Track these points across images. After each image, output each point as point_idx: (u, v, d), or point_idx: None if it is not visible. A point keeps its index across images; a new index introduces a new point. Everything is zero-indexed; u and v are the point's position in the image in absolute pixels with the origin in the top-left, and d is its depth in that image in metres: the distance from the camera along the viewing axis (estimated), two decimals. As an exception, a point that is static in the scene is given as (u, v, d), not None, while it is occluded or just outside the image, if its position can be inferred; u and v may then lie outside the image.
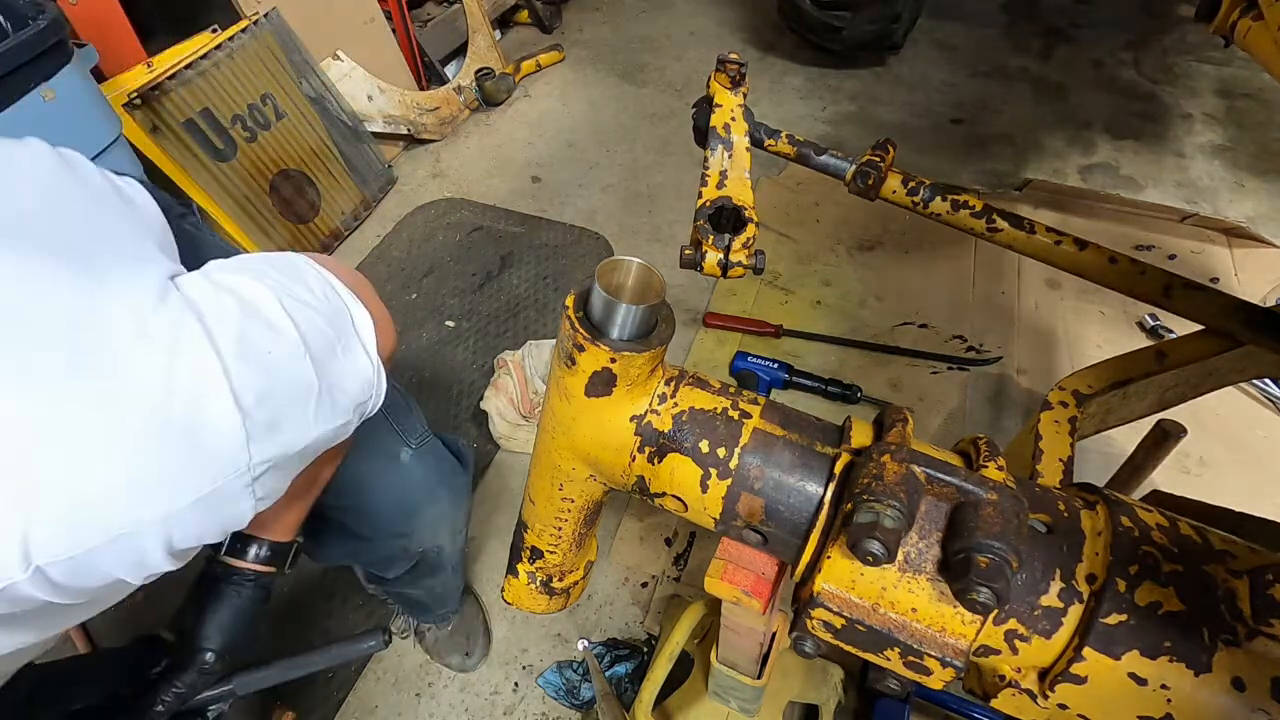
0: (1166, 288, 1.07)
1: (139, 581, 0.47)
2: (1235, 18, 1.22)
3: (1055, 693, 0.53)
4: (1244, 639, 0.49)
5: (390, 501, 0.97)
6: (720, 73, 1.02)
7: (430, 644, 1.41)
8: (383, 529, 0.98)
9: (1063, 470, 1.06)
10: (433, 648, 1.41)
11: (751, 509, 0.59)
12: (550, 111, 2.85)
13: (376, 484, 0.94)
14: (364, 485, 0.93)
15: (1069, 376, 1.18)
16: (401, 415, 0.96)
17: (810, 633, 0.57)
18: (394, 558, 1.05)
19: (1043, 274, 2.08)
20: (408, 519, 0.99)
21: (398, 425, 0.95)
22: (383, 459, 0.94)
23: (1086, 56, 3.03)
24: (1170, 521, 0.55)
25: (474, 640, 1.41)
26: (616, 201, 2.44)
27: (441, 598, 1.31)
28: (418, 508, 0.99)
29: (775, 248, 2.22)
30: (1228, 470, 1.65)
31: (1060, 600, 0.53)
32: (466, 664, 1.40)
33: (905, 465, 0.52)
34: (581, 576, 0.87)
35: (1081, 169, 2.51)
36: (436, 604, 1.32)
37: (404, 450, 0.96)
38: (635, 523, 1.60)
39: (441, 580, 1.21)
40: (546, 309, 2.09)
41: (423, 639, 1.42)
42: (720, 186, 0.86)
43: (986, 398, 1.82)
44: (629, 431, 0.61)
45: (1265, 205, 2.34)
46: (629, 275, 0.57)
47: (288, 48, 2.15)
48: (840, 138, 2.69)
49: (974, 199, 1.13)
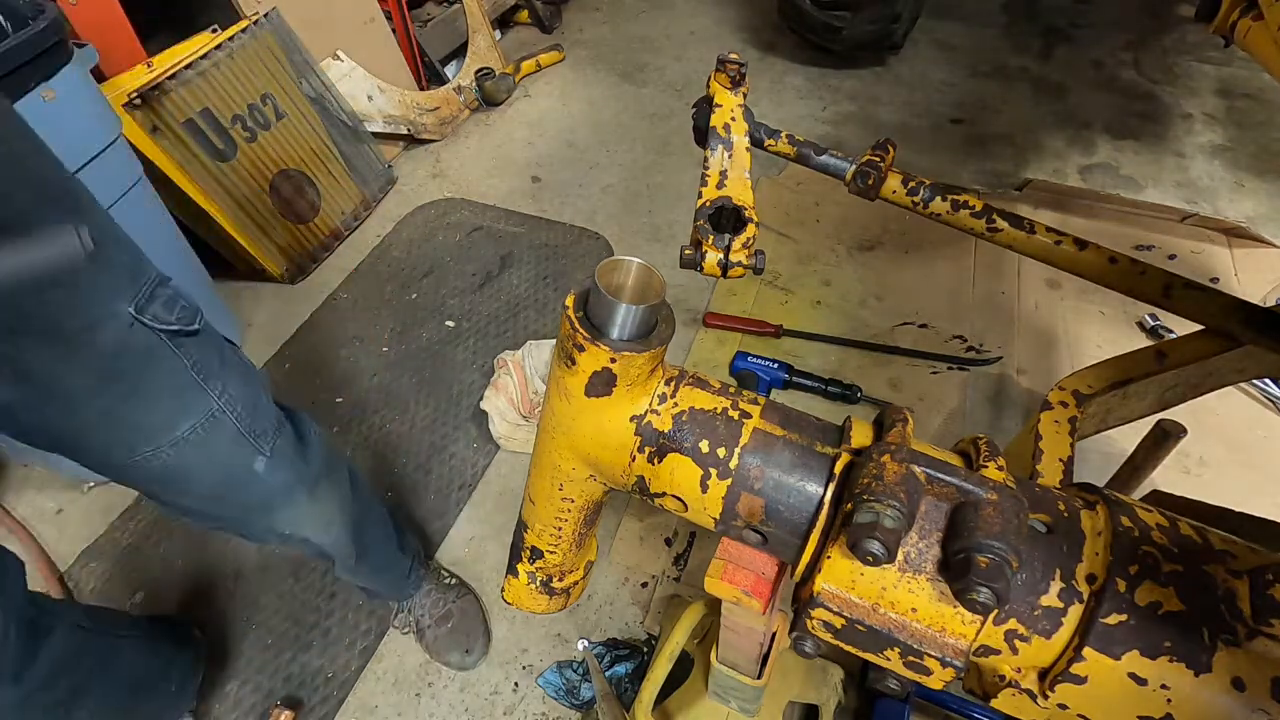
0: (1166, 288, 1.07)
1: None
2: (1235, 18, 1.22)
3: (1055, 693, 0.53)
4: (1244, 639, 0.49)
5: (245, 508, 0.95)
6: (720, 73, 1.02)
7: (430, 642, 1.41)
8: (238, 520, 0.98)
9: (1063, 470, 1.06)
10: (432, 645, 1.41)
11: (751, 509, 0.59)
12: (550, 111, 2.86)
13: (230, 498, 0.92)
14: (218, 499, 0.91)
15: (1069, 376, 1.18)
16: (253, 417, 0.89)
17: (810, 633, 0.57)
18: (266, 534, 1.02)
19: (1043, 274, 2.08)
20: (265, 517, 0.98)
21: (249, 431, 0.88)
22: (238, 472, 0.90)
23: (1086, 56, 3.03)
24: (1170, 521, 0.55)
25: (473, 638, 1.41)
26: (616, 201, 2.44)
27: (382, 575, 1.31)
28: (272, 510, 0.97)
29: (775, 248, 2.22)
30: (1228, 470, 1.65)
31: (1060, 600, 0.53)
32: (466, 661, 1.40)
33: (905, 465, 0.52)
34: (581, 576, 0.87)
35: (1081, 169, 2.51)
36: (382, 584, 1.34)
37: (258, 459, 0.90)
38: (635, 523, 1.60)
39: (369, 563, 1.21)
40: (546, 309, 2.09)
41: (422, 637, 1.42)
42: (720, 186, 0.87)
43: (986, 398, 1.82)
44: (629, 431, 0.61)
45: (1265, 205, 2.34)
46: (629, 275, 0.57)
47: (288, 48, 2.15)
48: (840, 138, 2.69)
49: (974, 199, 1.13)
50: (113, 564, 1.58)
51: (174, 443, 0.81)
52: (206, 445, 0.84)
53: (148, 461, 0.81)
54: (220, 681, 1.40)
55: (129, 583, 1.55)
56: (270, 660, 1.43)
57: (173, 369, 0.79)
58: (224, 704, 1.37)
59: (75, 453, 0.80)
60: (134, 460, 0.81)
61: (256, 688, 1.39)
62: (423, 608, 1.41)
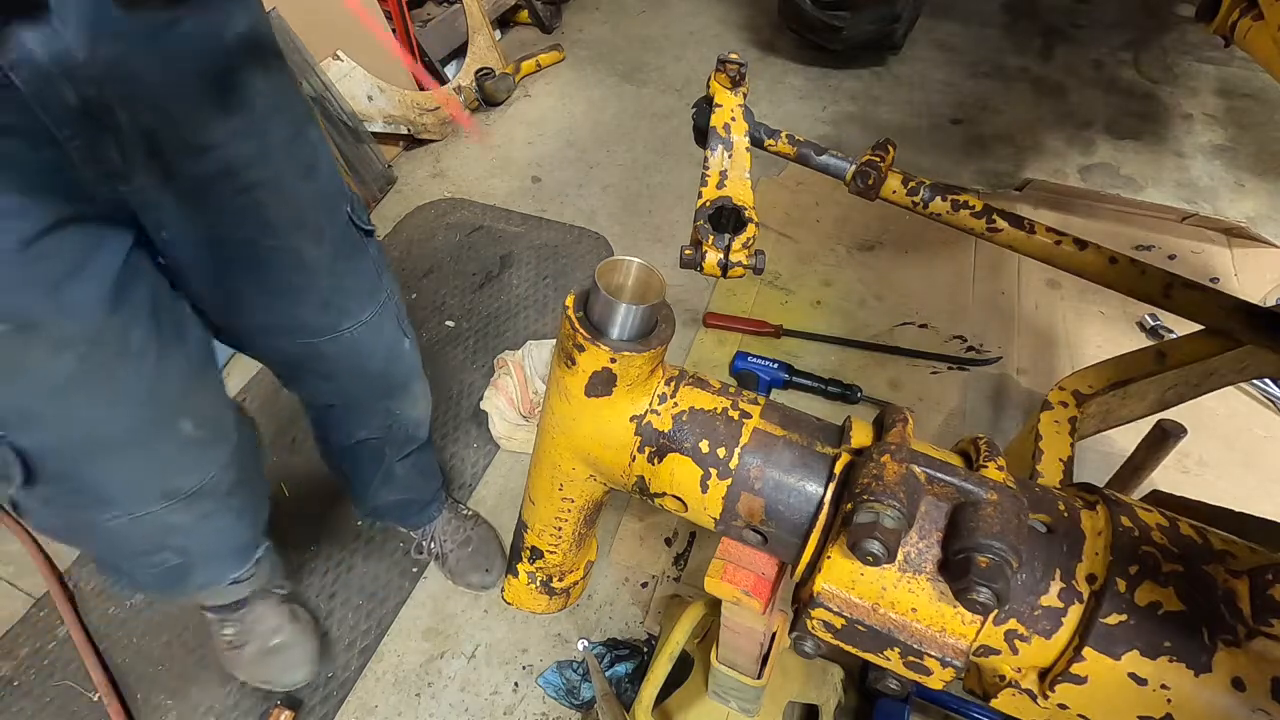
0: (1166, 288, 1.07)
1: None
2: (1235, 18, 1.22)
3: (1055, 693, 0.53)
4: (1244, 639, 0.49)
5: (389, 374, 1.13)
6: (720, 73, 1.02)
7: (452, 565, 1.49)
8: (376, 390, 1.14)
9: (1063, 470, 1.06)
10: (454, 569, 1.49)
11: (751, 509, 0.59)
12: (550, 111, 2.85)
13: (386, 376, 1.12)
14: (377, 377, 1.10)
15: (1069, 376, 1.18)
16: (400, 307, 1.11)
17: (810, 633, 0.57)
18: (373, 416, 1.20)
19: (1043, 274, 2.08)
20: (401, 390, 1.18)
21: (400, 318, 1.10)
22: (395, 349, 1.11)
23: (1086, 56, 3.02)
24: (1170, 521, 0.55)
25: (492, 559, 1.49)
26: (616, 201, 2.44)
27: (425, 481, 1.42)
28: (407, 388, 1.19)
29: (775, 248, 2.22)
30: (1228, 470, 1.65)
31: (1060, 600, 0.53)
32: (486, 580, 1.48)
33: (905, 465, 0.52)
34: (581, 576, 0.87)
35: (1081, 169, 2.51)
36: (422, 490, 1.43)
37: (405, 340, 1.13)
38: (635, 523, 1.60)
39: (422, 460, 1.37)
40: (546, 309, 2.09)
41: (444, 562, 1.49)
42: (720, 186, 0.87)
43: (986, 398, 1.82)
44: (629, 431, 0.61)
45: (1265, 205, 2.34)
46: (629, 275, 0.57)
47: (288, 48, 2.15)
48: (840, 138, 2.69)
49: (974, 199, 1.13)
50: (113, 564, 1.58)
51: (362, 323, 1.01)
52: (380, 328, 1.05)
53: (340, 338, 1.00)
54: (220, 681, 1.40)
55: (129, 583, 1.55)
56: (270, 660, 1.43)
57: (367, 261, 0.99)
58: (224, 704, 1.37)
59: (291, 326, 0.96)
60: (335, 334, 0.99)
61: (257, 688, 1.39)
62: (444, 534, 1.50)
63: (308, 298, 0.93)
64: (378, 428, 1.22)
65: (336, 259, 0.93)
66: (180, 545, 0.92)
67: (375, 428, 1.21)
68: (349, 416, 1.20)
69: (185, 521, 0.90)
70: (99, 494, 0.82)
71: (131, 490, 0.84)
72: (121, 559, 0.95)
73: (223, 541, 1.00)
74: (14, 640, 1.47)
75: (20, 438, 0.74)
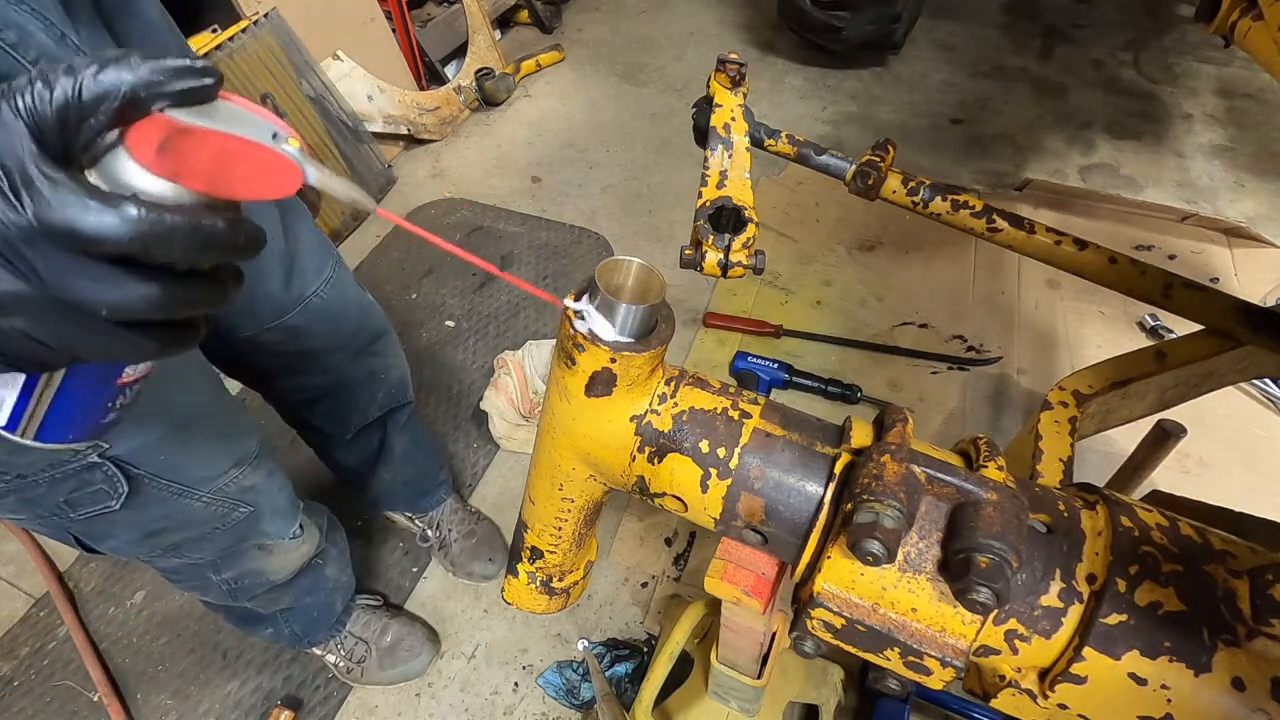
0: (1166, 288, 1.07)
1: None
2: (1235, 18, 1.22)
3: (1055, 693, 0.53)
4: (1244, 639, 0.49)
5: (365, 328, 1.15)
6: (720, 73, 1.02)
7: (455, 555, 1.51)
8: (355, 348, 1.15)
9: (1063, 470, 1.06)
10: (457, 559, 1.51)
11: (751, 509, 0.59)
12: (550, 111, 2.85)
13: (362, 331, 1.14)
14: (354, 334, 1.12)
15: (1069, 376, 1.17)
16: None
17: (810, 633, 0.57)
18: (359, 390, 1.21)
19: (1043, 274, 2.08)
20: (380, 340, 1.19)
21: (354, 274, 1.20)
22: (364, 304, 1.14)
23: (1086, 56, 3.02)
24: (1170, 521, 0.55)
25: (495, 550, 1.52)
26: (616, 201, 2.44)
27: (425, 458, 1.44)
28: (383, 332, 1.20)
29: (775, 248, 2.22)
30: (1228, 470, 1.65)
31: (1060, 600, 0.53)
32: (489, 570, 1.50)
33: (905, 465, 0.52)
34: (581, 576, 0.87)
35: (1081, 169, 2.51)
36: (424, 468, 1.45)
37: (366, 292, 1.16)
38: (635, 523, 1.60)
39: (417, 434, 1.40)
40: (546, 309, 2.09)
41: (447, 552, 1.52)
42: (720, 186, 0.87)
43: (986, 398, 1.82)
44: (629, 431, 0.61)
45: (1265, 205, 2.34)
46: (629, 275, 0.57)
47: (288, 48, 2.15)
48: (840, 138, 2.69)
49: (974, 199, 1.13)
50: (113, 564, 1.58)
51: (327, 280, 1.03)
52: (344, 282, 1.07)
53: (309, 306, 1.01)
54: (220, 682, 1.40)
55: (129, 583, 1.55)
56: (270, 660, 1.43)
57: (309, 218, 1.00)
58: (224, 704, 1.37)
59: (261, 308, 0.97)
60: (303, 303, 1.00)
61: (257, 688, 1.39)
62: (450, 523, 1.53)
63: (271, 271, 0.94)
64: (366, 404, 1.24)
65: (285, 217, 0.95)
66: (251, 499, 0.95)
67: (364, 406, 1.24)
68: (339, 403, 1.21)
69: (256, 481, 0.94)
70: (190, 478, 0.84)
71: (214, 464, 0.87)
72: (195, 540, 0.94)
73: (281, 497, 1.02)
74: (14, 640, 1.47)
75: (123, 444, 0.74)
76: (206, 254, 0.34)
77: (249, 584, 1.06)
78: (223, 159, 0.33)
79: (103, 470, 0.73)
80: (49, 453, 0.43)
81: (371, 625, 1.38)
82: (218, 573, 1.01)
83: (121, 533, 0.84)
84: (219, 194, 0.34)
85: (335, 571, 1.25)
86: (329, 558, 1.22)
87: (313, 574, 1.18)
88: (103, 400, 0.43)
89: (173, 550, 0.93)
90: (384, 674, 1.37)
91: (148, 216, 0.31)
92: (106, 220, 0.30)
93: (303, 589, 1.18)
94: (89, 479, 0.72)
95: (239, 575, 1.03)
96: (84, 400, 0.42)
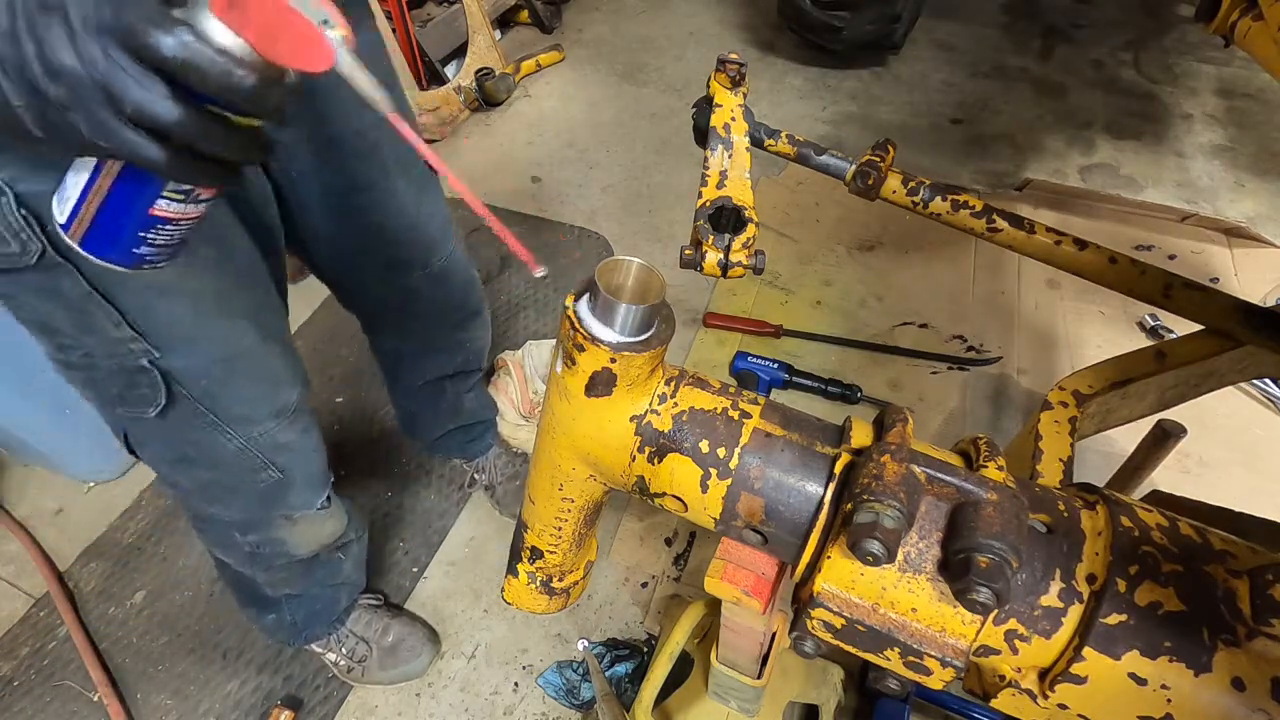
0: (1166, 288, 1.07)
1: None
2: (1235, 18, 1.22)
3: (1055, 693, 0.53)
4: (1244, 639, 0.49)
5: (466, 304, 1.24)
6: (720, 73, 1.02)
7: (500, 496, 1.60)
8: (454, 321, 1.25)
9: (1063, 470, 1.06)
10: (501, 500, 1.60)
11: (751, 509, 0.59)
12: (550, 111, 2.85)
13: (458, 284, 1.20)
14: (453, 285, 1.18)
15: (1069, 376, 1.17)
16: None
17: (810, 633, 0.57)
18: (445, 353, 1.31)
19: (1043, 274, 2.08)
20: (475, 317, 1.28)
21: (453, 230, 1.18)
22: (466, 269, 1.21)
23: (1086, 56, 3.02)
24: (1170, 521, 0.55)
25: None
26: (616, 201, 2.44)
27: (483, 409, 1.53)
28: (480, 309, 1.29)
29: (775, 248, 2.22)
30: (1228, 470, 1.65)
31: (1060, 600, 0.53)
32: None
33: (905, 465, 0.52)
34: (581, 576, 0.87)
35: (1081, 169, 2.51)
36: (480, 417, 1.53)
37: (473, 268, 1.23)
38: (635, 523, 1.60)
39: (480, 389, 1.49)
40: (546, 309, 2.09)
41: (493, 493, 1.61)
42: (720, 186, 0.87)
43: (986, 398, 1.82)
44: (629, 431, 0.61)
45: (1265, 205, 2.34)
46: (629, 275, 0.57)
47: (288, 48, 2.15)
48: (840, 138, 2.69)
49: (974, 199, 1.13)
50: (113, 564, 1.58)
51: (449, 254, 1.12)
52: (459, 258, 1.16)
53: (430, 272, 1.10)
54: (220, 681, 1.40)
55: (129, 582, 1.55)
56: (270, 660, 1.43)
57: (440, 193, 1.09)
58: (224, 704, 1.37)
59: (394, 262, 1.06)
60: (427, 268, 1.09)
61: (257, 687, 1.39)
62: (496, 466, 1.61)
63: (404, 235, 1.03)
64: (448, 364, 1.33)
65: (421, 193, 1.03)
66: (283, 463, 0.96)
67: (446, 364, 1.33)
68: (424, 358, 1.32)
69: (291, 439, 0.95)
70: (228, 413, 0.87)
71: (253, 407, 0.90)
72: (224, 489, 0.97)
73: (315, 462, 1.04)
74: (14, 640, 1.47)
75: (173, 360, 0.79)
76: (231, 96, 0.41)
77: (269, 552, 1.08)
78: (275, 23, 0.40)
79: (149, 376, 0.79)
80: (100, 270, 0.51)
81: (373, 625, 1.38)
82: (243, 534, 1.04)
83: (157, 445, 0.90)
84: (266, 53, 0.41)
85: (351, 568, 1.27)
86: (350, 553, 1.24)
87: (331, 565, 1.21)
88: (136, 219, 0.49)
89: (203, 493, 0.97)
90: (385, 674, 1.37)
91: (193, 44, 0.39)
92: (161, 35, 0.38)
93: (317, 578, 1.20)
94: (137, 380, 0.79)
95: (261, 541, 1.05)
96: (121, 216, 0.49)
